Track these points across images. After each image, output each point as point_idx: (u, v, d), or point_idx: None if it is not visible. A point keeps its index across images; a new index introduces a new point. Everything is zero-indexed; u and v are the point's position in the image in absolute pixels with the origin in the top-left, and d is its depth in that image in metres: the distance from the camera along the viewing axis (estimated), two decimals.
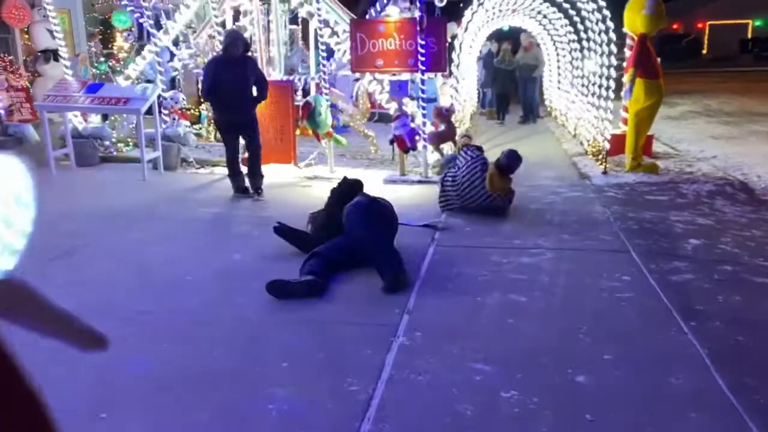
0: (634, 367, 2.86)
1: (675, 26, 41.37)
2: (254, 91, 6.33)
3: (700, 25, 42.12)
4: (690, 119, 13.22)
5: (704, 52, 40.53)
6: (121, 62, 10.09)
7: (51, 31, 9.57)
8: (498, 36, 15.86)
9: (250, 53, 6.73)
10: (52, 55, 11.58)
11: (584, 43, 9.78)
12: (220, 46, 7.97)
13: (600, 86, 8.10)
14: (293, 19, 11.46)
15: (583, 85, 9.82)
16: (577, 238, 4.92)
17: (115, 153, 8.59)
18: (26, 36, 12.55)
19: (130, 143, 8.78)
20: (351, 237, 4.22)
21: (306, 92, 10.18)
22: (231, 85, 6.08)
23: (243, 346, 3.11)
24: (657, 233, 5.02)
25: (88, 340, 0.45)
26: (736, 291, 3.77)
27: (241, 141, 6.58)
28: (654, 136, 9.09)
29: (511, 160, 5.63)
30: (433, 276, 4.09)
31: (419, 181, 7.13)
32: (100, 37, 13.99)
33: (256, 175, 6.49)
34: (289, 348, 3.08)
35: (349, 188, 4.74)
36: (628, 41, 7.81)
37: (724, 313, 3.45)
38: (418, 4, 6.95)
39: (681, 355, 2.98)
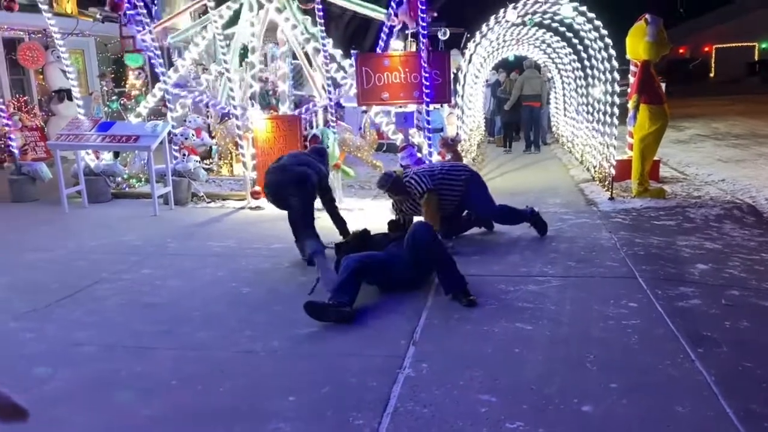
0: (640, 395, 2.84)
1: (681, 51, 41.67)
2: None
3: (706, 49, 42.36)
4: (698, 142, 13.23)
5: (711, 75, 40.67)
6: (133, 100, 10.30)
7: (64, 71, 9.80)
8: (505, 65, 16.03)
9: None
10: (66, 94, 11.86)
11: (588, 71, 9.87)
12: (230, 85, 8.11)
13: (605, 113, 8.17)
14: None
15: (588, 112, 9.89)
16: (583, 265, 4.91)
17: (126, 189, 8.73)
18: (41, 76, 12.88)
19: (142, 179, 8.92)
20: (418, 247, 4.33)
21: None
22: None
23: (250, 380, 3.13)
24: (664, 258, 5.00)
25: (8, 413, 0.46)
26: (744, 316, 3.75)
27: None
28: (661, 161, 9.11)
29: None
30: (439, 305, 4.10)
31: None
32: (113, 75, 14.29)
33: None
34: (295, 381, 3.09)
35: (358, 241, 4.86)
36: (632, 68, 7.89)
37: (732, 338, 3.43)
38: (422, 39, 7.07)
39: (688, 382, 2.96)
